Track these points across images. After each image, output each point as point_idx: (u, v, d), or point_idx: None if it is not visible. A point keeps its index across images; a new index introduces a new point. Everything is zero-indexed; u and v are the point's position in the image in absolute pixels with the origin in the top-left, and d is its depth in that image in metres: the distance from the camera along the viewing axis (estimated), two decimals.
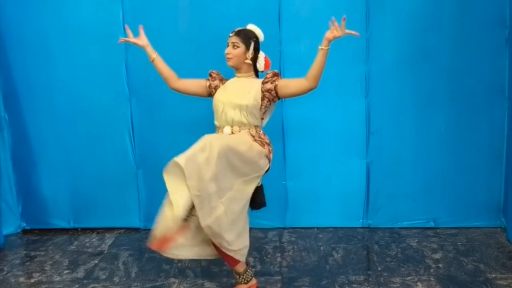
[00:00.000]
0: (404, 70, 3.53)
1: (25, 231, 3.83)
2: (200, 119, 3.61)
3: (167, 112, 3.62)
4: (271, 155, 2.75)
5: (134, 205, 3.76)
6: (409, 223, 3.69)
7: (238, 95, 2.72)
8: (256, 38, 2.78)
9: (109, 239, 3.64)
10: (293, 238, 3.56)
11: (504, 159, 3.55)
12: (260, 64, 2.81)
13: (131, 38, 2.85)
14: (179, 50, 3.54)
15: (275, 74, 2.77)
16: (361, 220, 3.72)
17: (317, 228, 3.72)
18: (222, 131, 2.76)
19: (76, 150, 3.69)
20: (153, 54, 2.85)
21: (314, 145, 3.63)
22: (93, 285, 2.93)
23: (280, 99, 2.82)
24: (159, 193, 3.73)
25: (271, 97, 2.74)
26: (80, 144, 3.68)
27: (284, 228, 3.73)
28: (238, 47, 2.72)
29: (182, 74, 3.56)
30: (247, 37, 2.74)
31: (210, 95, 2.87)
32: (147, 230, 3.74)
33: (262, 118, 2.79)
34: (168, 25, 3.53)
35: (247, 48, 2.74)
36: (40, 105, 3.66)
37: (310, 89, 2.70)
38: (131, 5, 3.51)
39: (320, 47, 2.62)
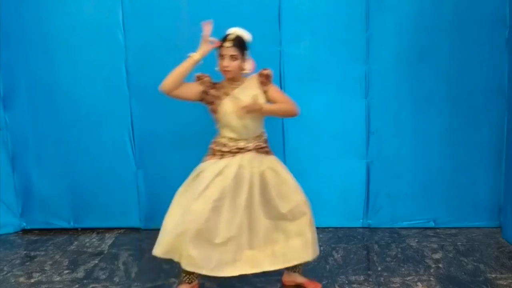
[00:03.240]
0: (404, 70, 3.53)
1: (25, 231, 3.83)
2: (200, 119, 3.62)
3: (167, 112, 3.61)
4: None
5: (134, 205, 3.76)
6: (409, 223, 3.69)
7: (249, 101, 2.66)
8: (247, 45, 2.71)
9: (109, 239, 3.65)
10: None
11: (504, 159, 3.54)
12: (248, 67, 2.71)
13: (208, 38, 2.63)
14: (179, 50, 3.53)
15: (269, 76, 2.73)
16: (361, 220, 3.72)
17: (317, 228, 3.69)
18: (243, 145, 2.68)
19: (76, 150, 3.69)
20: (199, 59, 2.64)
21: (314, 145, 3.63)
22: (93, 285, 2.93)
23: None
24: (159, 193, 3.76)
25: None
26: (80, 144, 3.68)
27: None
28: (236, 59, 2.61)
29: None
30: (243, 46, 2.64)
31: (201, 100, 2.72)
32: (147, 230, 3.76)
33: None
34: (168, 25, 3.52)
35: (243, 58, 2.65)
36: (40, 105, 3.66)
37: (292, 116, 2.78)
38: (131, 5, 3.51)
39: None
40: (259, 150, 2.72)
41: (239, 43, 2.62)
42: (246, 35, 2.69)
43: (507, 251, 3.27)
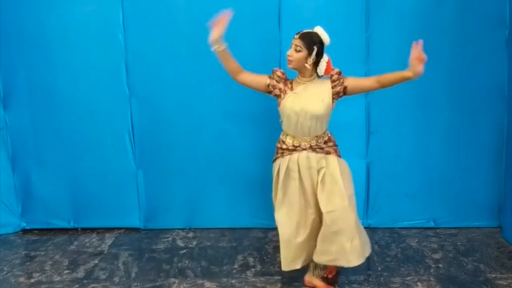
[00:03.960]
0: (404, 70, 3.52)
1: (25, 231, 3.83)
2: (200, 119, 3.63)
3: (167, 112, 3.61)
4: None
5: (134, 205, 3.76)
6: (409, 223, 3.69)
7: (313, 104, 2.65)
8: (320, 43, 2.67)
9: (109, 239, 3.64)
10: None
11: (504, 159, 3.54)
12: (321, 69, 2.70)
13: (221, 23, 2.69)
14: (178, 50, 3.54)
15: (340, 74, 2.72)
16: (361, 220, 3.70)
17: None
18: (299, 143, 2.71)
19: (76, 150, 3.69)
20: (223, 45, 2.68)
21: None
22: (93, 285, 2.93)
23: (342, 97, 2.77)
24: (159, 193, 3.76)
25: (338, 98, 2.73)
26: (80, 144, 3.68)
27: None
28: (300, 51, 2.61)
29: (181, 74, 3.58)
30: (311, 42, 2.62)
31: (269, 93, 2.75)
32: (147, 230, 3.76)
33: None
34: (168, 25, 3.52)
35: (310, 53, 2.62)
36: (40, 105, 3.66)
37: (376, 89, 2.76)
38: (131, 5, 3.51)
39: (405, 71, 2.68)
40: (316, 149, 2.71)
41: (307, 37, 2.63)
42: (323, 35, 2.69)
43: (507, 251, 3.27)
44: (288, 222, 2.72)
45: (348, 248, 2.62)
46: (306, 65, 2.64)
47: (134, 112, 3.63)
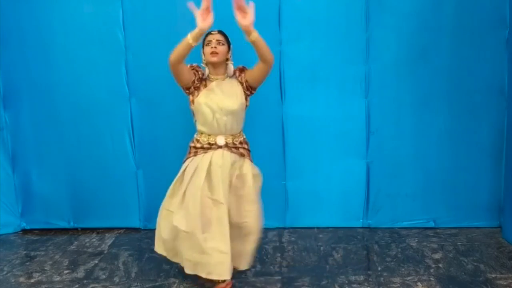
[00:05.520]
0: (404, 70, 3.53)
1: (25, 231, 3.83)
2: None
3: (167, 112, 3.61)
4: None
5: (134, 205, 3.76)
6: (409, 223, 3.69)
7: (227, 99, 2.71)
8: (230, 43, 2.82)
9: (109, 239, 3.65)
10: (293, 238, 3.56)
11: (504, 159, 3.54)
12: (230, 70, 2.80)
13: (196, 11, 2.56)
14: None
15: (243, 69, 2.82)
16: (361, 220, 3.72)
17: (317, 228, 3.72)
18: (214, 140, 2.73)
19: (76, 150, 3.69)
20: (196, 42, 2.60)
21: (314, 145, 3.63)
22: (93, 285, 2.93)
23: (253, 93, 2.83)
24: (159, 193, 3.75)
25: (249, 93, 2.80)
26: (80, 144, 3.68)
27: (284, 228, 3.73)
28: (223, 44, 2.73)
29: None
30: (227, 37, 2.79)
31: (188, 89, 2.75)
32: (147, 230, 3.76)
33: None
34: (168, 25, 3.52)
35: (229, 47, 2.78)
36: (40, 105, 3.66)
37: (268, 69, 2.72)
38: (131, 5, 3.51)
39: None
40: (231, 148, 2.74)
41: (224, 33, 2.78)
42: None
43: (507, 251, 3.27)
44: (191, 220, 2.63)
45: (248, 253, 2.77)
46: (228, 60, 2.76)
47: (134, 112, 3.64)
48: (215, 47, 2.70)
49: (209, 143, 2.73)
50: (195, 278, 2.98)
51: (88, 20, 3.55)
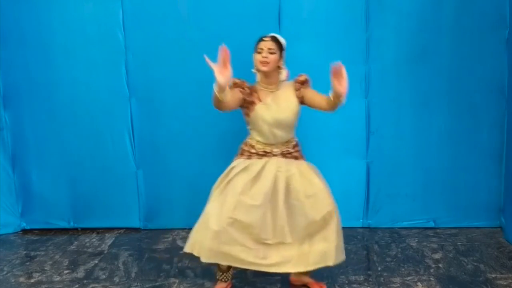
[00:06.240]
0: (404, 70, 3.53)
1: (25, 231, 3.83)
2: (200, 118, 3.63)
3: (167, 112, 3.62)
4: None
5: (134, 205, 3.76)
6: (409, 223, 3.69)
7: (283, 112, 2.67)
8: (283, 49, 2.72)
9: (109, 239, 3.64)
10: None
11: (504, 159, 3.55)
12: (283, 75, 2.74)
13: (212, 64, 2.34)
14: (178, 50, 3.54)
15: (304, 84, 2.72)
16: (361, 220, 3.72)
17: None
18: (270, 149, 2.70)
19: (76, 150, 3.69)
20: (228, 92, 2.47)
21: (314, 145, 3.62)
22: (93, 285, 2.93)
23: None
24: (159, 193, 3.76)
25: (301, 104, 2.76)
26: (80, 144, 3.68)
27: None
28: (274, 53, 2.63)
29: (181, 74, 3.58)
30: (280, 45, 2.67)
31: (242, 107, 2.71)
32: (147, 230, 3.76)
33: None
34: (168, 25, 3.52)
35: (281, 55, 2.68)
36: (40, 105, 3.66)
37: (327, 112, 2.70)
38: (131, 5, 3.51)
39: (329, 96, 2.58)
40: (286, 155, 2.73)
41: (277, 41, 2.67)
42: (283, 41, 2.71)
43: (507, 251, 3.27)
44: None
45: (334, 247, 2.65)
46: (280, 67, 2.68)
47: (134, 112, 3.64)
48: (266, 57, 2.61)
49: (264, 151, 2.72)
50: (195, 278, 2.98)
51: (88, 20, 3.54)
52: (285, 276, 2.96)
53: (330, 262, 2.63)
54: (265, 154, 2.71)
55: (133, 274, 3.07)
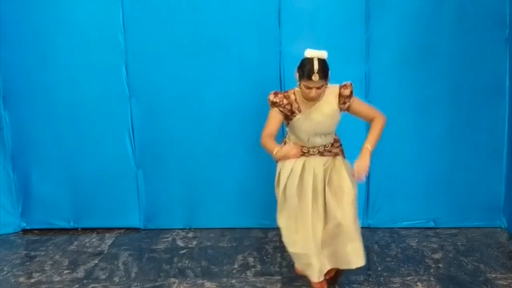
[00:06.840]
0: (404, 70, 3.53)
1: (25, 231, 3.83)
2: (200, 118, 3.63)
3: (167, 112, 3.61)
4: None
5: (134, 205, 3.76)
6: (409, 223, 3.68)
7: (324, 122, 2.66)
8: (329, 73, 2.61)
9: (109, 239, 3.65)
10: None
11: (504, 159, 3.55)
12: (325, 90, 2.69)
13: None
14: (178, 50, 3.54)
15: (349, 98, 2.70)
16: (361, 220, 3.69)
17: None
18: (308, 150, 2.72)
19: (76, 150, 3.69)
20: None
21: None
22: (93, 285, 2.93)
23: None
24: (159, 193, 3.76)
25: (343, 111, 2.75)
26: (80, 144, 3.68)
27: None
28: (323, 86, 2.57)
29: (181, 74, 3.58)
30: (327, 73, 2.57)
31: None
32: (147, 230, 3.76)
33: None
34: (168, 25, 3.52)
35: (328, 80, 2.60)
36: (40, 105, 3.66)
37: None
38: (131, 5, 3.51)
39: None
40: (324, 153, 2.74)
41: (325, 72, 2.55)
42: (325, 56, 2.61)
43: (507, 251, 3.27)
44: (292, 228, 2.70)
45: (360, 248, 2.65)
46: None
47: (134, 112, 3.64)
48: (315, 96, 2.56)
49: (302, 152, 2.72)
50: (195, 278, 2.98)
51: (88, 21, 3.54)
52: (285, 276, 2.96)
53: (359, 264, 2.68)
54: (303, 153, 2.72)
55: (133, 274, 3.07)
